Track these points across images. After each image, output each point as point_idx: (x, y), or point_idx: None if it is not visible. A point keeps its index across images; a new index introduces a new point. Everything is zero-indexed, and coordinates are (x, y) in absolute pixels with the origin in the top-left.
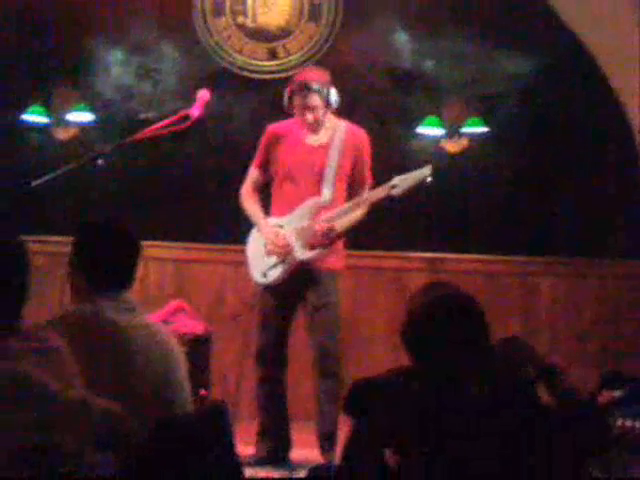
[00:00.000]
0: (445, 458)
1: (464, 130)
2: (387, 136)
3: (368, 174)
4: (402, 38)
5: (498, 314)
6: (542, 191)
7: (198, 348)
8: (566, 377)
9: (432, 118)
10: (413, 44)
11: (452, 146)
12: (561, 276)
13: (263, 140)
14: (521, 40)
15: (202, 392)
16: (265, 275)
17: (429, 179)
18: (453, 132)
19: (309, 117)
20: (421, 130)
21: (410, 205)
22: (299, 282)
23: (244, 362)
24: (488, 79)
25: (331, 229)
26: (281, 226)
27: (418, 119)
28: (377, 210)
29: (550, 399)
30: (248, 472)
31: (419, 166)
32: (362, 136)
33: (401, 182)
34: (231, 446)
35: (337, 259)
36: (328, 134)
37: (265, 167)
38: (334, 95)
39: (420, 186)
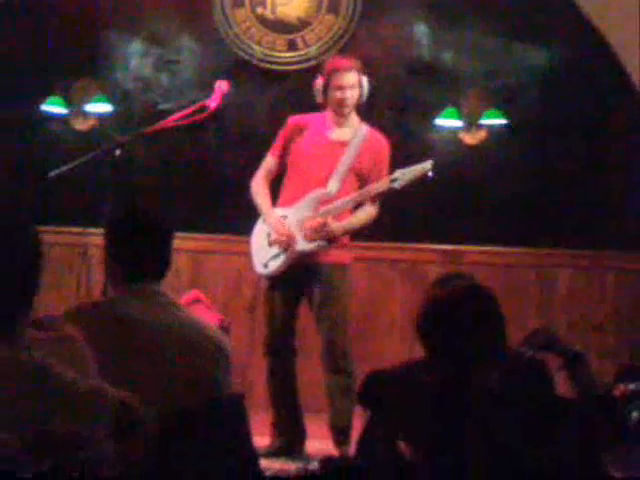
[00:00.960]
0: (459, 450)
1: (482, 122)
2: (405, 127)
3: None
4: (421, 29)
5: (515, 306)
6: (560, 183)
7: None
8: (589, 367)
9: (450, 110)
10: (432, 35)
11: (470, 138)
12: (578, 268)
13: (283, 130)
14: (540, 32)
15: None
16: (266, 265)
17: (430, 173)
18: (471, 124)
19: (348, 93)
20: (439, 122)
21: (427, 196)
22: (304, 275)
23: (257, 353)
24: (507, 71)
25: (323, 225)
26: (285, 216)
27: (436, 111)
28: (394, 202)
29: (571, 388)
30: (263, 463)
31: (428, 159)
32: (383, 143)
33: (402, 176)
34: (247, 437)
35: (342, 253)
36: (350, 132)
37: (281, 157)
38: (365, 81)
39: (421, 180)
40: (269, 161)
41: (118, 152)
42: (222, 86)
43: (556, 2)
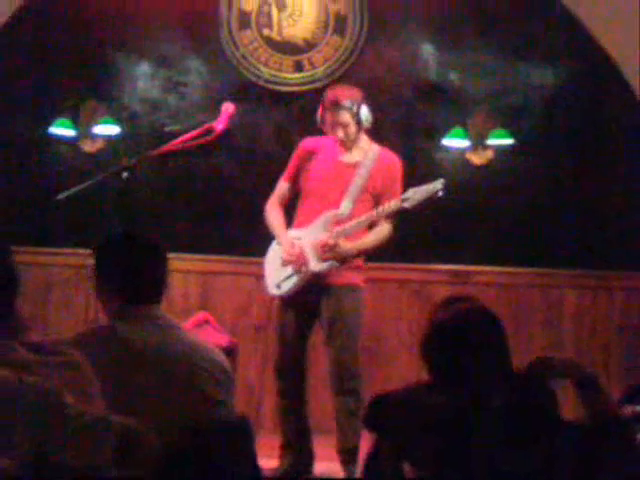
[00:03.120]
0: (465, 472)
1: (489, 142)
2: (412, 148)
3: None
4: (427, 50)
5: (522, 326)
6: (567, 203)
7: None
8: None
9: (457, 130)
10: (438, 56)
11: (477, 158)
12: (585, 288)
13: (296, 154)
14: (546, 51)
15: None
16: (279, 286)
17: (441, 193)
18: (478, 144)
19: (340, 134)
20: (446, 142)
21: (435, 217)
22: (315, 296)
23: (266, 375)
24: (513, 90)
25: (335, 245)
26: (299, 238)
27: (443, 131)
28: (402, 223)
29: (583, 410)
30: None
31: (438, 178)
32: (394, 161)
33: (413, 195)
34: (253, 460)
35: (354, 274)
36: (361, 154)
37: (294, 181)
38: (365, 113)
39: (432, 200)
40: (282, 186)
41: (126, 174)
42: (229, 108)
43: (561, 21)
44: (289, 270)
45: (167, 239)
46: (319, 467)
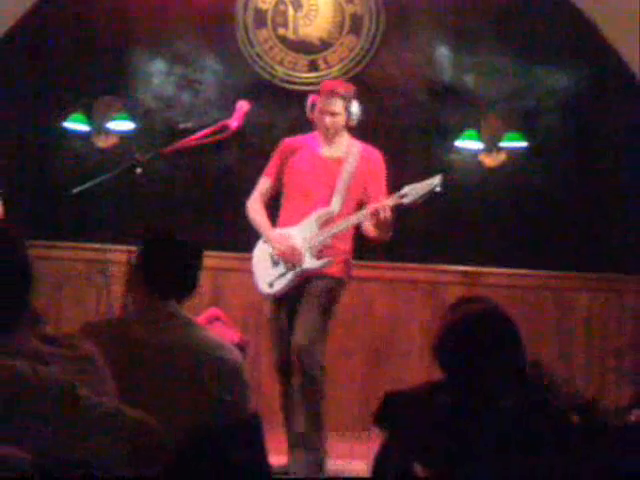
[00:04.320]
0: (475, 472)
1: (503, 144)
2: (426, 149)
3: (383, 193)
4: (442, 51)
5: (533, 329)
6: (580, 206)
7: None
8: (599, 407)
9: (471, 132)
10: (453, 58)
11: (490, 160)
12: (597, 292)
13: (277, 151)
14: (560, 54)
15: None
16: (272, 285)
17: (438, 188)
18: (492, 146)
19: (327, 120)
20: (460, 144)
21: (448, 218)
22: (302, 289)
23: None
24: (527, 93)
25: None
26: (289, 236)
27: (457, 133)
28: (414, 223)
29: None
30: None
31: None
32: (377, 156)
33: (410, 191)
34: (263, 457)
35: (340, 267)
36: (343, 149)
37: (276, 178)
38: (355, 107)
39: (430, 195)
40: (263, 182)
41: (139, 170)
42: (244, 106)
43: (576, 24)
44: (281, 268)
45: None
46: (332, 464)
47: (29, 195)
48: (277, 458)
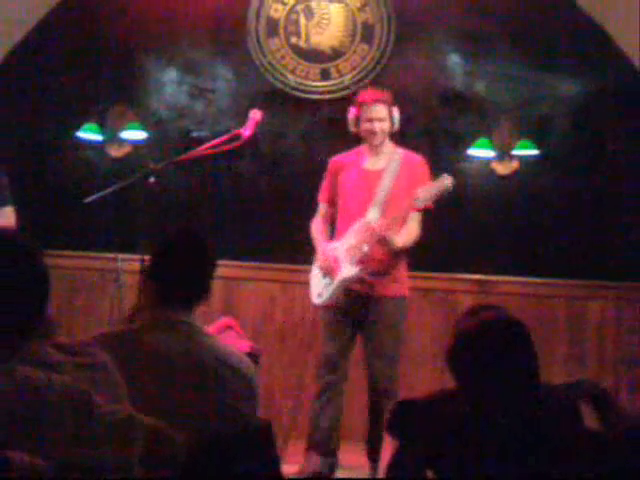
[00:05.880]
0: None
1: (515, 152)
2: (437, 157)
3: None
4: (454, 60)
5: (546, 337)
6: (593, 214)
7: None
8: (616, 403)
9: (483, 140)
10: (465, 65)
11: (502, 168)
12: (609, 300)
13: (327, 173)
14: (573, 62)
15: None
16: (320, 295)
17: (449, 189)
18: (503, 154)
19: (377, 126)
20: (472, 152)
21: (460, 226)
22: (360, 307)
23: (287, 381)
24: (539, 101)
25: (385, 238)
26: (335, 248)
27: (469, 140)
28: (426, 232)
29: (598, 424)
30: None
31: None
32: (419, 163)
33: (422, 194)
34: (276, 464)
35: (398, 285)
36: (385, 159)
37: (330, 200)
38: (397, 112)
39: (443, 194)
40: (321, 207)
41: (152, 179)
42: (256, 115)
43: (588, 32)
44: (328, 279)
45: None
46: (341, 474)
47: (43, 204)
48: (287, 468)
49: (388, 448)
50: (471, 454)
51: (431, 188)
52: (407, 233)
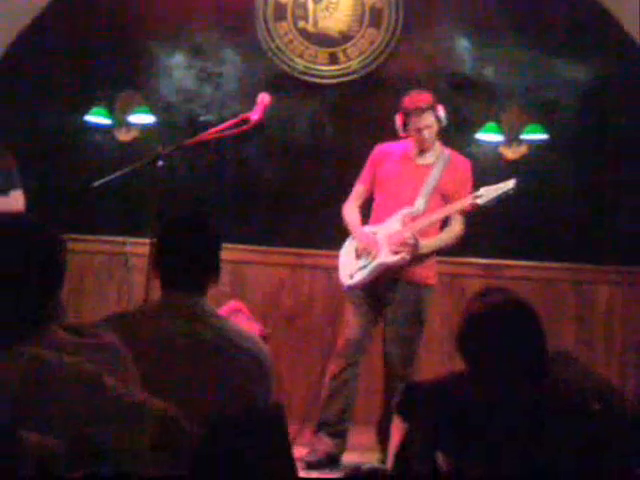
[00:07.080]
0: (498, 463)
1: (523, 137)
2: (446, 142)
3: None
4: (462, 44)
5: (553, 322)
6: (601, 198)
7: None
8: (621, 395)
9: (491, 124)
10: (473, 50)
11: (511, 153)
12: (618, 285)
13: (370, 158)
14: (581, 47)
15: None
16: (352, 276)
17: (512, 191)
18: (512, 139)
19: (426, 133)
20: (480, 136)
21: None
22: (387, 289)
23: (296, 365)
24: (548, 86)
25: (413, 245)
26: (375, 232)
27: (477, 125)
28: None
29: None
30: (301, 474)
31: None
32: (465, 164)
33: (486, 193)
34: (287, 447)
35: (426, 271)
36: (434, 156)
37: (369, 183)
38: (442, 111)
39: (504, 197)
40: (358, 189)
41: (160, 163)
42: (265, 98)
43: (596, 17)
44: (363, 262)
45: None
46: (350, 457)
47: (51, 188)
48: (296, 451)
49: (397, 431)
50: (480, 435)
51: (495, 188)
52: (442, 238)
